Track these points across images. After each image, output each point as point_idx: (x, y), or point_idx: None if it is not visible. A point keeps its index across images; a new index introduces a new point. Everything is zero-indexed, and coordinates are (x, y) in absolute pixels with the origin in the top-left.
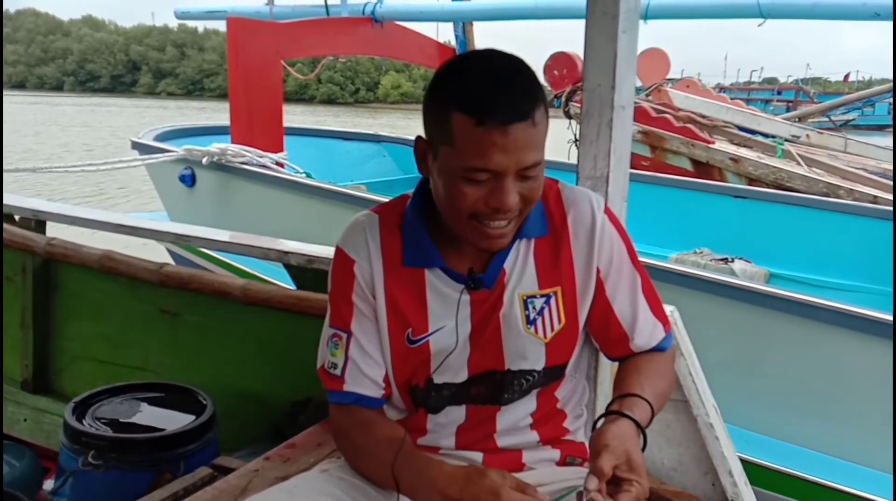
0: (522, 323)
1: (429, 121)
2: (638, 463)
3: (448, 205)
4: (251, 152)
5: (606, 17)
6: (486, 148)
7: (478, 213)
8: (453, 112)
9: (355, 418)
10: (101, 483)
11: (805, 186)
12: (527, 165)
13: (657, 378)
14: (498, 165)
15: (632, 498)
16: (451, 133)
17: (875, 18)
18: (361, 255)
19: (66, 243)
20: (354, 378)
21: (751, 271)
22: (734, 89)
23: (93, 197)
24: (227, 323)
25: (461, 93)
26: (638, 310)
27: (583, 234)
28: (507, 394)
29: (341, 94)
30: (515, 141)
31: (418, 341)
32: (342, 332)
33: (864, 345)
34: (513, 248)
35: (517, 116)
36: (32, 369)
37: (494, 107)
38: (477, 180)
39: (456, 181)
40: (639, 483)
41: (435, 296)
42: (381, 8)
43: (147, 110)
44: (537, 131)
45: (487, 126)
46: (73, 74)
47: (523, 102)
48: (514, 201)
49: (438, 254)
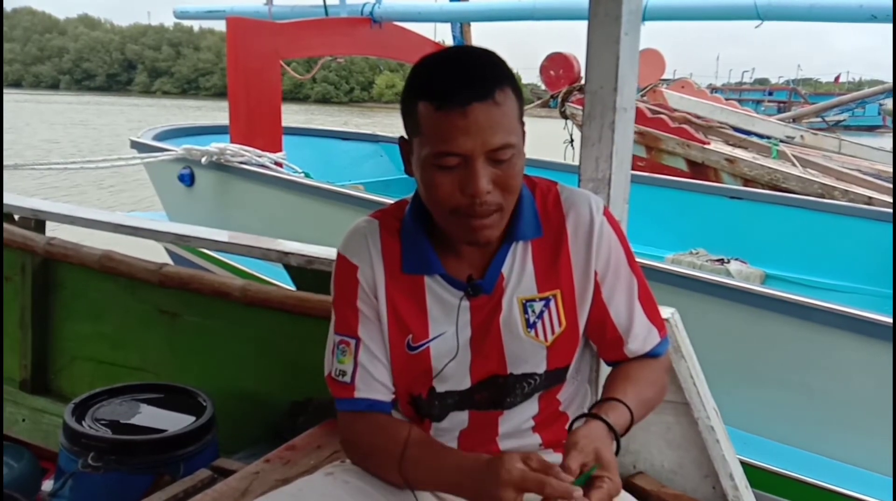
0: (522, 327)
1: (404, 117)
2: (608, 460)
3: (429, 200)
4: (250, 152)
5: (609, 20)
6: (448, 131)
7: (457, 207)
8: (418, 101)
9: (369, 422)
10: (100, 484)
11: (800, 187)
12: (494, 146)
13: (644, 385)
14: (462, 148)
15: (603, 494)
16: (418, 123)
17: (872, 21)
18: (364, 261)
19: (66, 243)
20: (366, 384)
21: (746, 272)
22: (726, 90)
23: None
24: (226, 324)
25: (423, 82)
26: (634, 315)
27: (581, 236)
28: (509, 398)
29: (336, 93)
30: (477, 121)
31: (418, 347)
32: (350, 338)
33: (864, 347)
34: (510, 252)
35: (476, 96)
36: (31, 369)
37: (452, 89)
38: (447, 166)
39: (430, 172)
40: (609, 479)
41: (435, 303)
42: (379, 8)
43: (136, 109)
44: (501, 112)
45: (447, 109)
46: (69, 72)
47: (482, 82)
48: (485, 186)
49: (438, 261)
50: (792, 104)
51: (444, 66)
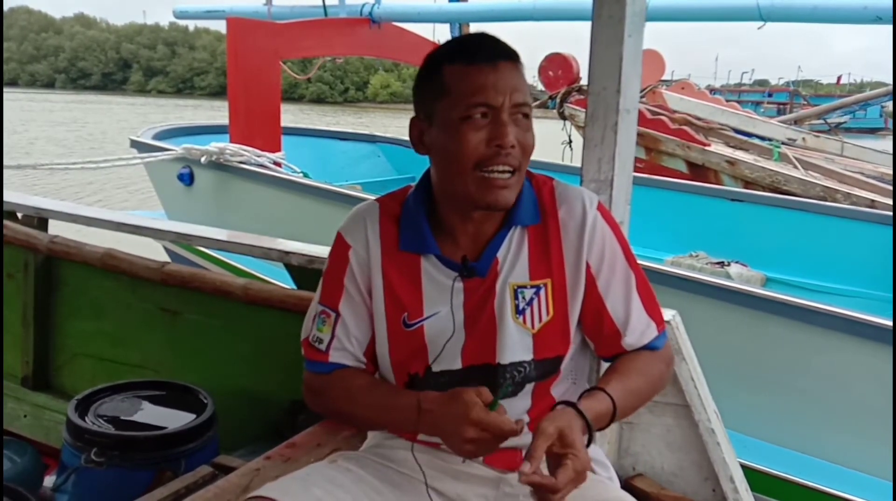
0: (511, 312)
1: (420, 95)
2: (571, 439)
3: (455, 159)
4: (249, 152)
5: (612, 21)
6: (480, 83)
7: (482, 159)
8: (444, 66)
9: (334, 377)
10: (102, 480)
11: (802, 190)
12: (518, 102)
13: (634, 376)
14: (492, 99)
15: (568, 472)
16: (444, 85)
17: (877, 22)
18: (359, 242)
19: (69, 241)
20: (339, 353)
21: (747, 275)
22: (725, 91)
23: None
24: (227, 322)
25: (449, 49)
26: (631, 308)
27: (573, 229)
28: (501, 388)
29: (331, 93)
30: (504, 77)
31: (413, 325)
32: (331, 311)
33: (864, 351)
34: (507, 237)
35: (503, 55)
36: (33, 365)
37: (481, 48)
38: (475, 120)
39: (457, 129)
40: (574, 455)
41: (429, 282)
42: (378, 9)
43: (121, 108)
44: (521, 76)
45: (478, 63)
46: (65, 71)
47: (507, 47)
48: (512, 138)
49: (434, 241)
50: (794, 106)
51: (467, 37)
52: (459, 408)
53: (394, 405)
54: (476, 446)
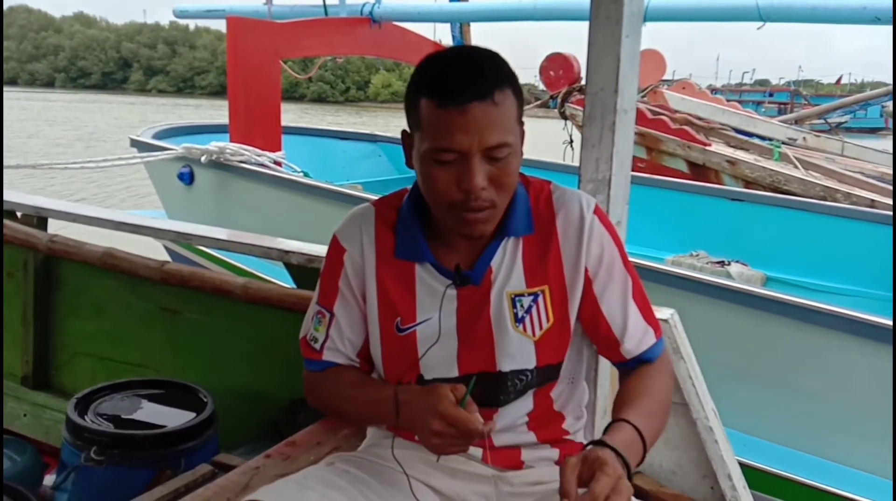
0: (511, 321)
1: (407, 112)
2: (595, 457)
3: (427, 193)
4: (249, 151)
5: (610, 22)
6: (447, 127)
7: (453, 201)
8: (420, 98)
9: (327, 374)
10: (102, 478)
11: (802, 190)
12: (490, 145)
13: (644, 399)
14: (459, 145)
15: (603, 482)
16: (419, 118)
17: (876, 23)
18: (354, 245)
19: (68, 240)
20: (331, 352)
21: (747, 275)
22: (726, 91)
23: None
24: (227, 321)
25: (425, 79)
26: (628, 315)
27: (571, 233)
28: (503, 396)
29: (332, 92)
30: (475, 120)
31: (406, 330)
32: (326, 311)
33: (864, 350)
34: (500, 246)
35: (475, 95)
36: (33, 365)
37: (453, 88)
38: (444, 162)
39: (428, 165)
40: (602, 464)
41: (423, 289)
42: (378, 8)
43: (115, 107)
44: (499, 112)
45: (447, 107)
46: (65, 70)
47: (483, 82)
48: (480, 183)
49: (429, 249)
50: (794, 106)
51: (448, 65)
52: (431, 400)
53: (376, 397)
54: (442, 440)
